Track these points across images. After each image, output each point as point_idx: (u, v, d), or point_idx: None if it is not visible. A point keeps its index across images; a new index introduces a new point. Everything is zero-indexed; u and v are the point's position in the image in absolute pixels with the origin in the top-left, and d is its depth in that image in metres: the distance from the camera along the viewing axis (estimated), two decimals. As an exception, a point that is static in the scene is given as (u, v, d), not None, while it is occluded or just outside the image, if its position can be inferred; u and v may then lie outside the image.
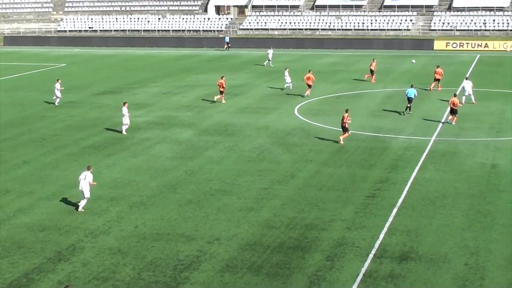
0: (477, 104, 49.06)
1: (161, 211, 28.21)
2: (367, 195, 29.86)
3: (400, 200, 29.12)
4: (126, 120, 41.66)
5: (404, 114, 46.22)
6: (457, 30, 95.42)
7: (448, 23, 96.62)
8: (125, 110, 41.61)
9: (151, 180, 32.39)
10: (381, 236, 25.24)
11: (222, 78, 52.03)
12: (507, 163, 34.30)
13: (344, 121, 38.45)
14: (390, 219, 26.97)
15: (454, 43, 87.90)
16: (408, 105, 46.53)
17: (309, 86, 53.44)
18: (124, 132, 41.73)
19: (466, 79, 51.77)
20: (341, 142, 38.43)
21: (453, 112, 42.89)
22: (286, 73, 56.55)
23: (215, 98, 52.00)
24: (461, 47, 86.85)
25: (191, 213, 27.87)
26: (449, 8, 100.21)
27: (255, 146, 38.67)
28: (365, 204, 28.79)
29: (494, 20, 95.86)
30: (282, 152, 37.20)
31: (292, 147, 38.29)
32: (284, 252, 23.92)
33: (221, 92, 51.69)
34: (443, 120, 43.93)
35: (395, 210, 27.98)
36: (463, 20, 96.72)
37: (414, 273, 22.15)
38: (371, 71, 60.31)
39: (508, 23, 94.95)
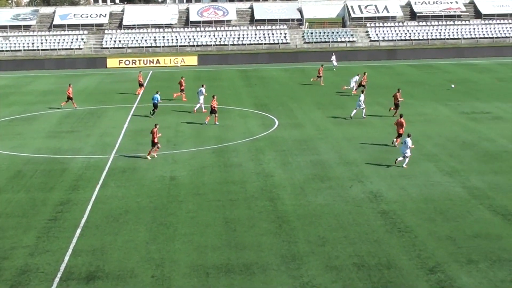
0: (153, 119, 50.76)
1: None
2: (49, 219, 29.43)
3: (83, 220, 29.15)
4: None
5: (152, 117, 50.64)
6: (129, 47, 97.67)
7: (120, 41, 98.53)
8: None
9: None
10: (66, 258, 25.07)
11: None
12: (185, 175, 35.97)
13: (155, 136, 38.74)
14: (74, 240, 26.89)
15: (127, 60, 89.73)
16: (154, 110, 51.36)
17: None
18: None
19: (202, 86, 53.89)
20: (150, 156, 39.25)
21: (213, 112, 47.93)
22: None
23: None
24: (134, 64, 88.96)
25: None
26: (120, 26, 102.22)
27: None
28: (48, 227, 28.36)
29: (164, 37, 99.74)
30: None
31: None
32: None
33: None
34: (120, 139, 44.74)
35: (78, 230, 27.94)
36: (134, 37, 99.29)
37: (103, 291, 22.37)
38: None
39: (177, 39, 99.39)
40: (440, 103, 55.06)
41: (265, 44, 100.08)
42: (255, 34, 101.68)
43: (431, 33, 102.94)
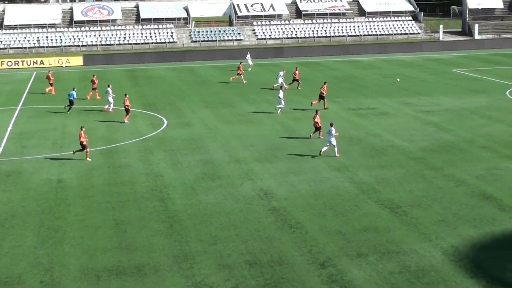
0: (43, 119, 49.56)
1: None
2: None
3: (-34, 227, 28.18)
4: None
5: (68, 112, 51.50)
6: (11, 48, 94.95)
7: (1, 42, 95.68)
8: None
9: None
10: (-51, 267, 24.17)
11: None
12: (72, 177, 35.29)
13: (81, 138, 38.02)
14: (-43, 248, 25.96)
15: (9, 61, 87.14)
16: (70, 106, 52.13)
17: None
18: None
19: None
20: (88, 159, 38.45)
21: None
22: None
23: None
24: (16, 65, 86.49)
25: None
26: (1, 26, 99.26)
27: None
28: None
29: (47, 37, 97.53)
30: None
31: None
32: None
33: None
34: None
35: (-39, 238, 27.00)
36: (16, 37, 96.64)
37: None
38: None
39: (61, 40, 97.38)
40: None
41: (151, 43, 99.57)
42: (142, 34, 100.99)
43: (317, 30, 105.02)
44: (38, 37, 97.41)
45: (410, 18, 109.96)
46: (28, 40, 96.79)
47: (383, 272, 23.46)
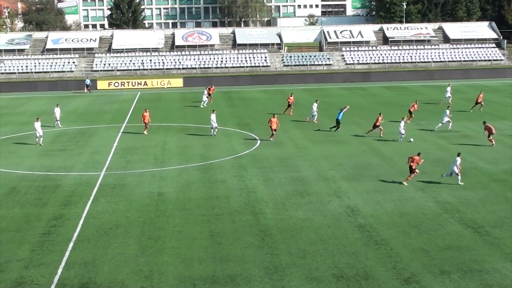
0: (144, 136, 50.61)
1: None
2: (43, 233, 29.17)
3: (76, 234, 28.92)
4: None
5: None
6: (117, 70, 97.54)
7: (109, 64, 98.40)
8: None
9: None
10: (59, 271, 24.84)
11: None
12: (171, 191, 35.82)
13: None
14: (67, 253, 26.65)
15: (116, 82, 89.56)
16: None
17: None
18: None
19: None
20: None
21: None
22: None
23: None
24: (122, 86, 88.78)
25: None
26: (109, 50, 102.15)
27: None
28: (41, 241, 28.11)
29: (151, 60, 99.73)
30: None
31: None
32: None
33: None
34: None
35: (71, 244, 27.71)
36: (123, 60, 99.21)
37: (94, 303, 22.16)
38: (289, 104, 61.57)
39: (163, 62, 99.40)
40: (412, 123, 55.30)
41: (246, 67, 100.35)
42: (237, 58, 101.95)
43: (403, 56, 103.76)
44: (142, 60, 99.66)
45: (494, 45, 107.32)
46: (134, 63, 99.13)
47: (465, 290, 22.85)
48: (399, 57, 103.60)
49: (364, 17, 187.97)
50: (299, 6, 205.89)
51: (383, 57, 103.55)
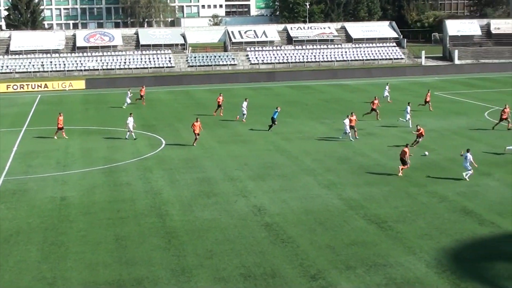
0: (46, 140, 49.44)
1: None
2: None
3: (-26, 243, 28.02)
4: None
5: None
6: (16, 72, 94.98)
7: (7, 66, 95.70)
8: None
9: None
10: (-44, 281, 24.01)
11: None
12: (75, 195, 35.17)
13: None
14: (-35, 263, 25.79)
15: (14, 85, 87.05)
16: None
17: None
18: None
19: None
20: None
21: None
22: None
23: None
24: (22, 88, 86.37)
25: None
26: (7, 51, 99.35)
27: None
28: None
29: (51, 62, 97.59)
30: None
31: None
32: None
33: None
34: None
35: (-31, 253, 26.82)
36: (22, 62, 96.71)
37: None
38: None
39: (64, 64, 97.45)
40: (316, 121, 56.26)
41: (150, 68, 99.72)
42: (141, 59, 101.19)
43: (307, 56, 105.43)
44: (42, 62, 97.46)
45: (394, 44, 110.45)
46: (33, 65, 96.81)
47: (370, 284, 23.42)
48: (303, 56, 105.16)
49: (268, 17, 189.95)
50: (203, 6, 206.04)
51: (287, 56, 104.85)
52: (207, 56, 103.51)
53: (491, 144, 46.13)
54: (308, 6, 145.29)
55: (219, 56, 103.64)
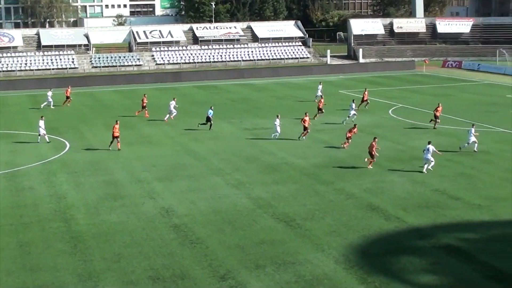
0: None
1: None
2: None
3: None
4: None
5: None
6: None
7: None
8: None
9: None
10: None
11: None
12: (-25, 201, 34.03)
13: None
14: None
15: None
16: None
17: None
18: None
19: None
20: None
21: None
22: None
23: None
24: None
25: None
26: None
27: None
28: None
29: None
30: None
31: None
32: None
33: None
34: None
35: None
36: None
37: None
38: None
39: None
40: (224, 121, 56.35)
41: (53, 69, 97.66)
42: (43, 60, 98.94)
43: (213, 56, 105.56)
44: None
45: (300, 43, 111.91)
46: None
47: (280, 282, 23.63)
48: (209, 56, 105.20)
49: (173, 17, 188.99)
50: (106, 6, 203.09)
51: (193, 56, 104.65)
52: (112, 57, 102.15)
53: (396, 141, 47.38)
54: (213, 6, 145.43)
55: (124, 57, 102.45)
